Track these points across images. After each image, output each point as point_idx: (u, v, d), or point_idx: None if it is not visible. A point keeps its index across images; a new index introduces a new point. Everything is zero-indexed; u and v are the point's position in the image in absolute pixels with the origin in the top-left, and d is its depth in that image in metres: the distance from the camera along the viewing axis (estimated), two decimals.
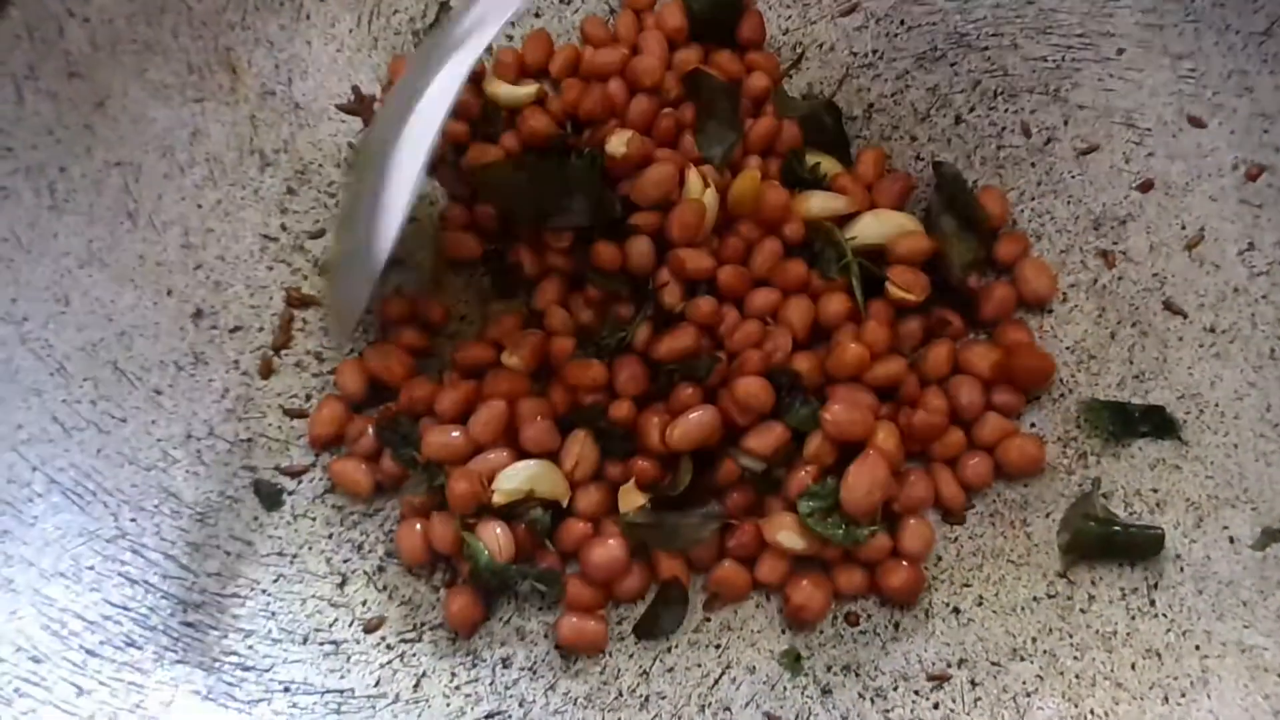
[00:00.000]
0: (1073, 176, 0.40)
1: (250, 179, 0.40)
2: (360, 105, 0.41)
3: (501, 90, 0.40)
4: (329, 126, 0.41)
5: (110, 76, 0.39)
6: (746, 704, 0.34)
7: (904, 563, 0.35)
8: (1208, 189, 0.39)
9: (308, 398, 0.38)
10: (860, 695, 0.34)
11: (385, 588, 0.36)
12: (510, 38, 0.42)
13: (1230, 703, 0.33)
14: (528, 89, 0.40)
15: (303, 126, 0.41)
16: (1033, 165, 0.40)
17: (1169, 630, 0.34)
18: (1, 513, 0.35)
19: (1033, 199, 0.40)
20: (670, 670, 0.35)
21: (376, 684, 0.35)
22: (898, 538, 0.35)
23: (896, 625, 0.35)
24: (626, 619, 0.35)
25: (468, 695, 0.34)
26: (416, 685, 0.35)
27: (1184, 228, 0.39)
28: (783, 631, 0.35)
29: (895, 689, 0.34)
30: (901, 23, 0.41)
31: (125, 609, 0.34)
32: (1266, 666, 0.33)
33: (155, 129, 0.39)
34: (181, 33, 0.40)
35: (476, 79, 0.40)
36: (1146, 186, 0.39)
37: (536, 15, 0.42)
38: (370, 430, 0.36)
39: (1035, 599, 0.35)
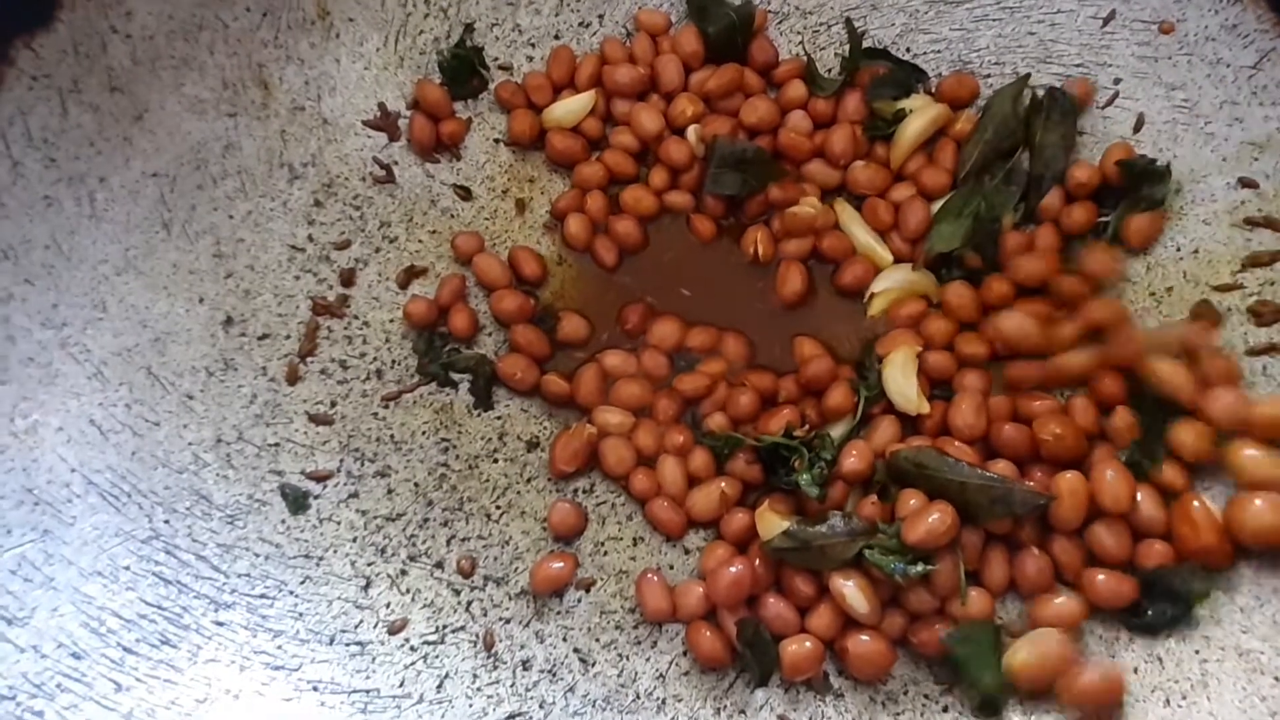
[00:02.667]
0: None
1: (279, 191, 0.41)
2: (386, 122, 0.42)
3: (558, 110, 0.42)
4: (355, 141, 0.42)
5: (149, 91, 0.40)
6: (761, 707, 0.35)
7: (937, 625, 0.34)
8: (1201, 213, 0.40)
9: (332, 404, 0.39)
10: (872, 699, 0.35)
11: (408, 591, 0.37)
12: (530, 59, 0.43)
13: (1229, 704, 0.34)
14: (582, 100, 0.41)
15: (330, 141, 0.42)
16: None
17: (1169, 635, 0.35)
18: (43, 512, 0.35)
19: None
20: (686, 674, 0.36)
21: (401, 684, 0.35)
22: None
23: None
24: (639, 610, 0.36)
25: (489, 696, 0.35)
26: (439, 686, 0.35)
27: (1179, 249, 0.40)
28: None
29: (905, 693, 0.35)
30: (908, 50, 0.43)
31: (160, 608, 0.35)
32: (1263, 670, 0.34)
33: (190, 142, 0.40)
34: (217, 50, 0.41)
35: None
36: None
37: (556, 37, 0.44)
38: None
39: None
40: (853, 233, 0.40)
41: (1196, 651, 0.35)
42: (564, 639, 0.36)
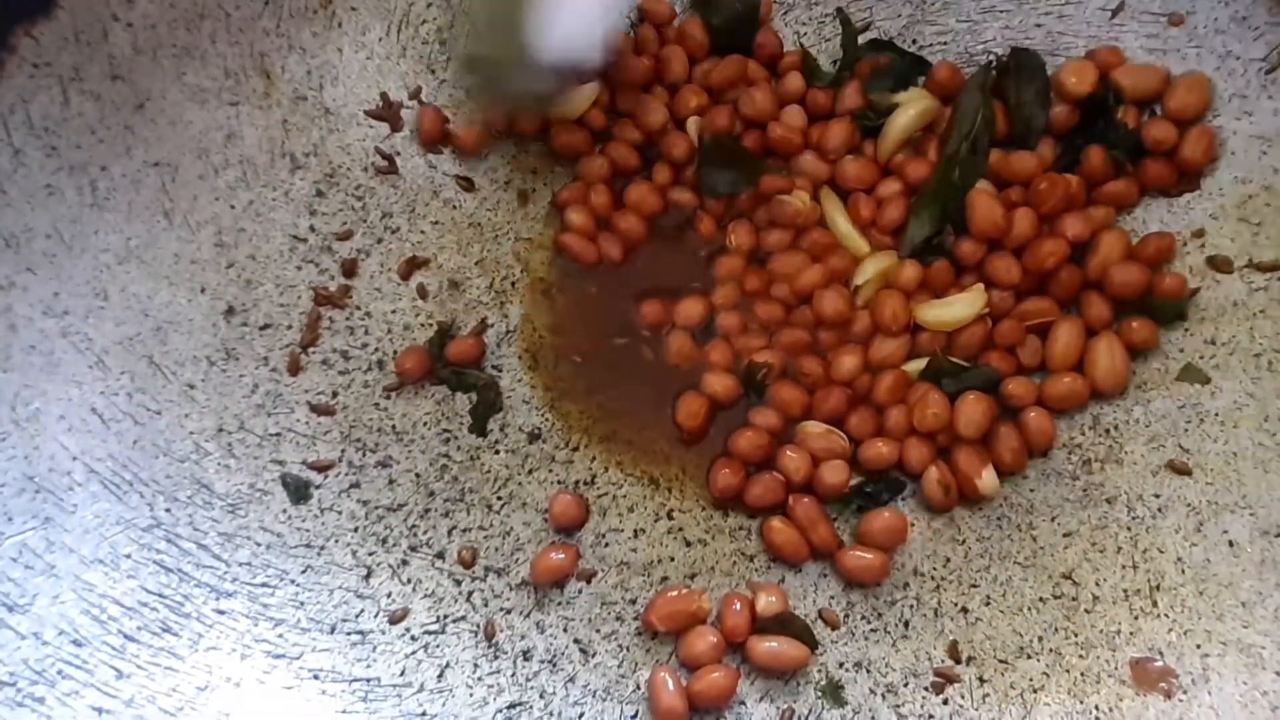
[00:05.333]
0: None
1: (281, 181, 0.41)
2: (388, 112, 0.42)
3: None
4: (357, 131, 0.42)
5: (150, 79, 0.40)
6: (761, 698, 0.35)
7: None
8: (1209, 206, 0.40)
9: (334, 394, 0.39)
10: (872, 691, 0.35)
11: (409, 581, 0.37)
12: None
13: (1230, 698, 0.34)
14: (586, 91, 0.41)
15: (332, 131, 0.42)
16: None
17: (1170, 630, 0.35)
18: (44, 500, 0.36)
19: None
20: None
21: (402, 673, 0.35)
22: None
23: (906, 624, 0.36)
24: (640, 600, 0.36)
25: (490, 686, 0.35)
26: (440, 675, 0.35)
27: (1185, 244, 0.40)
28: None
29: (906, 685, 0.35)
30: (914, 42, 0.43)
31: (161, 596, 0.35)
32: (1264, 664, 0.34)
33: (192, 131, 0.40)
34: (219, 38, 0.41)
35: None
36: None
37: None
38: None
39: (1041, 599, 0.36)
40: (835, 221, 0.40)
41: (1198, 646, 0.35)
42: (565, 630, 0.36)
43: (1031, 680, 0.35)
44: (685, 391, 0.39)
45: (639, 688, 0.35)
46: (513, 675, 0.35)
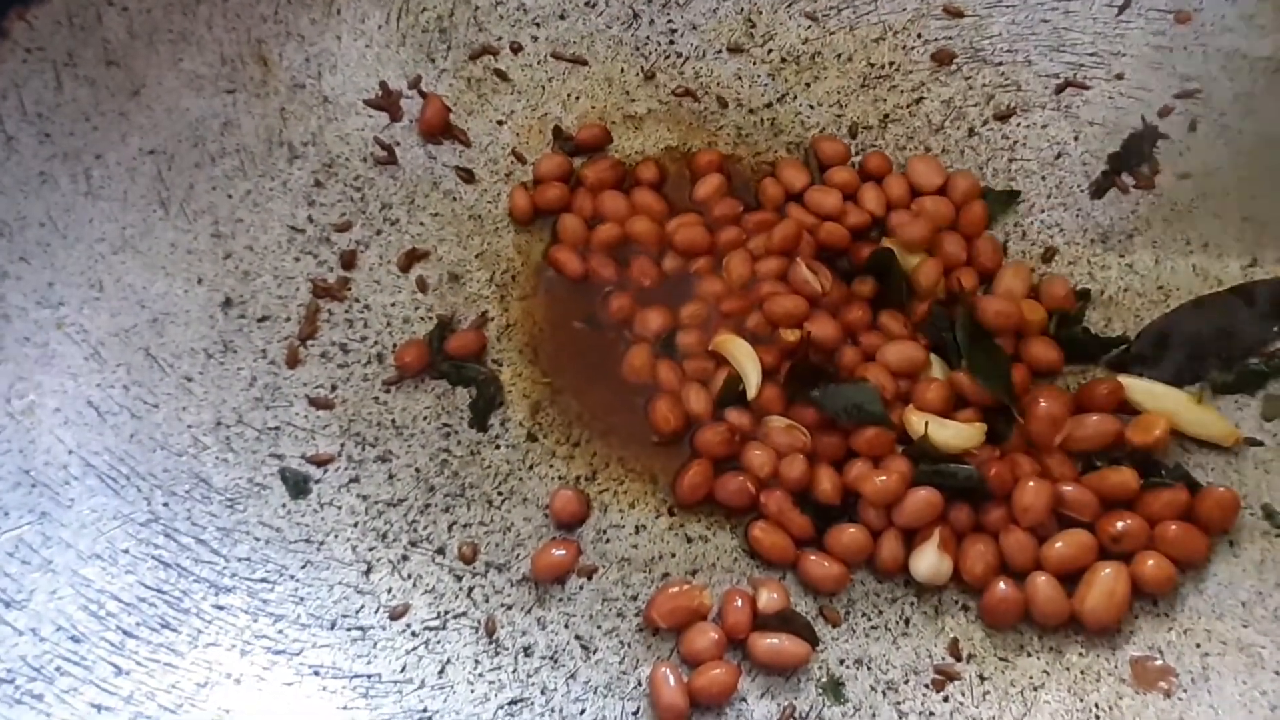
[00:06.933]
0: (1081, 190, 0.41)
1: (279, 170, 0.40)
2: (387, 101, 0.42)
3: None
4: (356, 121, 0.41)
5: (146, 66, 0.39)
6: (762, 695, 0.35)
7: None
8: (1212, 206, 0.40)
9: (333, 388, 0.39)
10: (872, 688, 0.35)
11: (409, 576, 0.36)
12: (535, 39, 0.42)
13: (1229, 697, 0.34)
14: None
15: (331, 120, 0.41)
16: (1043, 179, 0.42)
17: (1170, 629, 0.35)
18: (40, 494, 0.35)
19: (1043, 211, 0.41)
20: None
21: (403, 670, 0.35)
22: None
23: (907, 621, 0.36)
24: (641, 596, 0.36)
25: (491, 682, 0.35)
26: (441, 671, 0.35)
27: (1188, 242, 0.40)
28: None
29: (906, 682, 0.35)
30: (919, 36, 0.42)
31: (160, 592, 0.35)
32: (1264, 664, 0.35)
33: (188, 118, 0.40)
34: (216, 24, 0.40)
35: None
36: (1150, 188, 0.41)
37: (562, 18, 0.43)
38: None
39: None
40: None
41: (1198, 645, 0.35)
42: (566, 625, 0.36)
43: (1032, 678, 0.35)
44: (656, 396, 0.38)
45: (640, 684, 0.35)
46: (514, 671, 0.35)
